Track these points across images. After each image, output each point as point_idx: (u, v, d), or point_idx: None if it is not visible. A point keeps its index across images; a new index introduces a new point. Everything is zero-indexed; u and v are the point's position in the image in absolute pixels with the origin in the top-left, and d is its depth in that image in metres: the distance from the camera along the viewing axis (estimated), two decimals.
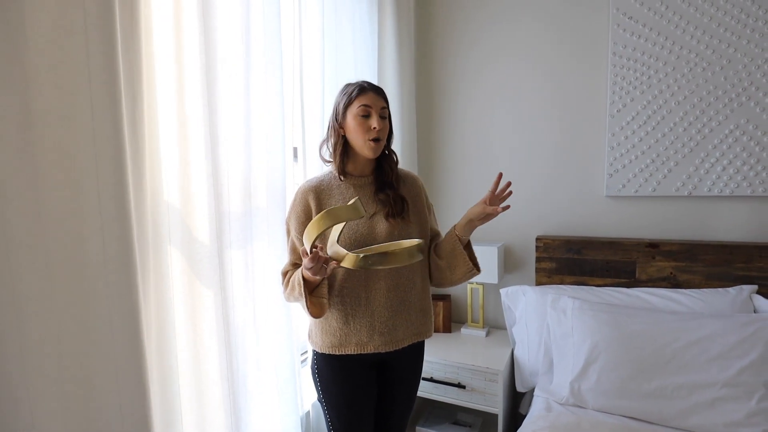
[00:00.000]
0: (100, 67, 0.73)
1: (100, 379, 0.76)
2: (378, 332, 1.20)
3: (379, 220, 1.23)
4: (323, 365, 1.25)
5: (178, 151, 0.94)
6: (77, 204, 0.72)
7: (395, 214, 1.22)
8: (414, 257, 1.05)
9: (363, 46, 1.75)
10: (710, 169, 1.74)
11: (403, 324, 1.23)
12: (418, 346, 1.33)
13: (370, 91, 1.21)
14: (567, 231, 2.00)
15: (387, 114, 1.23)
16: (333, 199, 1.23)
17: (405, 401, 1.35)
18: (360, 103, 1.18)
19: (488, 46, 2.09)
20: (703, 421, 1.36)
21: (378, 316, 1.20)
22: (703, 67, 1.72)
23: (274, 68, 1.21)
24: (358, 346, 1.21)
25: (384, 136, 1.22)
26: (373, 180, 1.28)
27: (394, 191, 1.25)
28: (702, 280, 1.72)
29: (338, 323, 1.21)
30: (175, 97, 0.93)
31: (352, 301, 1.20)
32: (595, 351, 1.55)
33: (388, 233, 1.21)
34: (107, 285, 0.76)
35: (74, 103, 0.70)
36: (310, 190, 1.23)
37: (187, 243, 0.96)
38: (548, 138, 2.01)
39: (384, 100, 1.23)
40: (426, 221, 1.33)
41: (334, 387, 1.24)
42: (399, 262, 1.03)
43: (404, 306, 1.24)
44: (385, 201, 1.24)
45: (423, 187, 1.37)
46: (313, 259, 1.02)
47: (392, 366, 1.30)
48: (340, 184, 1.25)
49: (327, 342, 1.23)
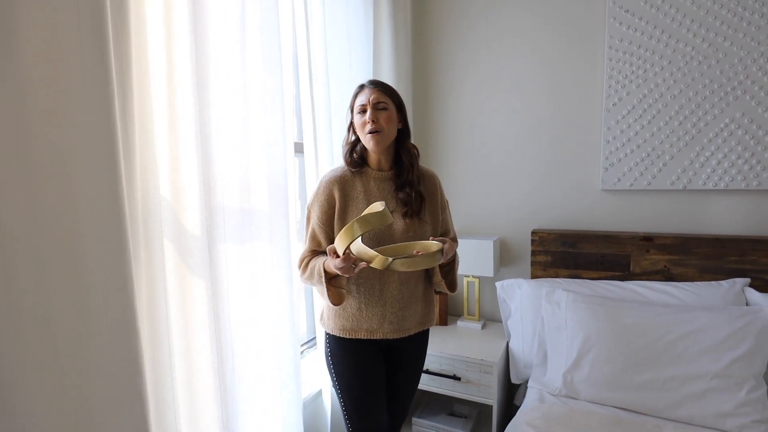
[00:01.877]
0: (93, 63, 0.73)
1: (97, 371, 0.77)
2: (388, 321, 1.27)
3: (396, 218, 1.27)
4: (336, 348, 1.31)
5: (168, 146, 0.95)
6: (72, 199, 0.73)
7: (413, 214, 1.27)
8: (437, 261, 1.12)
9: (358, 39, 1.75)
10: (705, 163, 1.74)
11: (411, 314, 1.31)
12: (423, 333, 1.40)
13: (366, 88, 1.26)
14: (562, 224, 2.01)
15: (387, 106, 1.24)
16: (355, 191, 1.27)
17: (410, 383, 1.43)
18: (357, 103, 1.26)
19: (484, 39, 2.09)
20: (694, 412, 1.38)
21: (389, 306, 1.27)
22: (699, 61, 1.71)
23: (272, 64, 1.22)
24: (369, 332, 1.27)
25: (383, 128, 1.23)
26: (393, 175, 1.31)
27: (415, 189, 1.28)
28: (696, 273, 1.73)
29: (352, 309, 1.27)
30: (166, 92, 0.94)
31: (367, 291, 1.26)
32: (588, 343, 1.57)
33: (403, 232, 1.26)
34: (103, 279, 0.77)
35: (68, 100, 0.71)
36: (335, 181, 1.27)
37: (177, 236, 0.98)
38: (544, 132, 2.01)
39: (383, 94, 1.25)
40: (439, 221, 1.38)
41: (347, 370, 1.30)
42: (424, 266, 1.10)
43: (413, 298, 1.31)
44: (405, 200, 1.28)
45: (440, 185, 1.40)
46: (345, 260, 1.08)
47: (399, 350, 1.36)
48: (362, 177, 1.29)
49: (339, 325, 1.29)
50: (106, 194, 0.75)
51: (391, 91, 1.28)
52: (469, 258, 2.00)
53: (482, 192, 2.17)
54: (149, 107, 0.92)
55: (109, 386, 0.79)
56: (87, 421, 0.76)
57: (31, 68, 0.68)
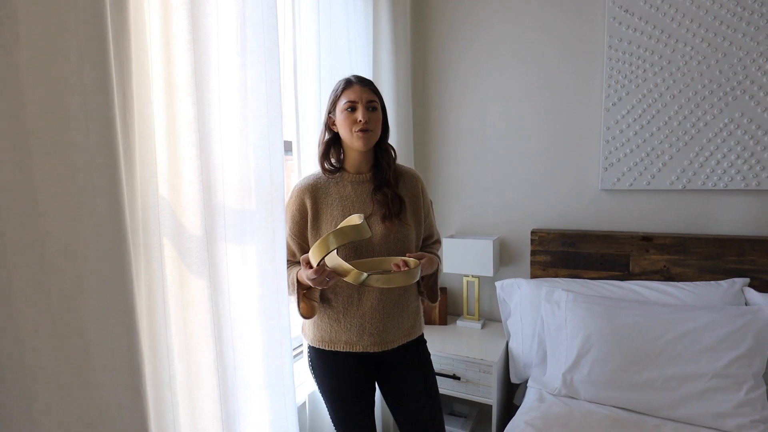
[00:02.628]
0: (93, 60, 0.73)
1: (96, 372, 0.77)
2: (368, 333, 1.21)
3: (374, 222, 1.21)
4: (316, 359, 1.27)
5: (166, 144, 0.94)
6: (72, 199, 0.72)
7: (392, 215, 1.20)
8: (414, 278, 1.07)
9: (357, 39, 1.75)
10: (704, 163, 1.75)
11: (394, 326, 1.24)
12: (413, 343, 1.31)
13: (356, 84, 1.19)
14: (562, 224, 2.01)
15: (378, 107, 1.20)
16: (330, 198, 1.22)
17: (422, 397, 1.28)
18: (345, 99, 1.18)
19: (485, 39, 2.09)
20: (693, 411, 1.38)
21: (369, 317, 1.21)
22: (699, 61, 1.71)
23: (272, 62, 1.21)
24: (348, 344, 1.22)
25: (374, 128, 1.19)
26: (372, 177, 1.25)
27: (392, 190, 1.23)
28: (695, 273, 1.73)
29: (329, 320, 1.23)
30: (164, 91, 0.94)
31: (345, 299, 1.21)
32: (587, 343, 1.57)
33: (383, 236, 1.20)
34: (102, 279, 0.77)
35: (67, 98, 0.71)
36: (306, 189, 1.23)
37: (177, 235, 0.97)
38: (543, 131, 2.01)
39: (373, 93, 1.20)
40: (422, 223, 1.31)
41: (328, 381, 1.26)
42: (400, 283, 1.05)
43: (397, 309, 1.24)
44: (382, 201, 1.21)
45: (423, 186, 1.33)
46: (317, 272, 1.04)
47: (390, 364, 1.29)
48: (338, 182, 1.24)
49: (317, 336, 1.25)
50: (106, 193, 0.75)
51: (378, 91, 1.24)
52: (468, 257, 2.00)
53: (482, 191, 2.17)
54: (151, 102, 0.92)
55: (109, 387, 0.79)
56: (86, 422, 0.76)
57: (30, 64, 0.67)
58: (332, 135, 1.25)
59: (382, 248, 1.21)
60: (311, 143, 1.53)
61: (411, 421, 1.28)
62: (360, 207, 1.23)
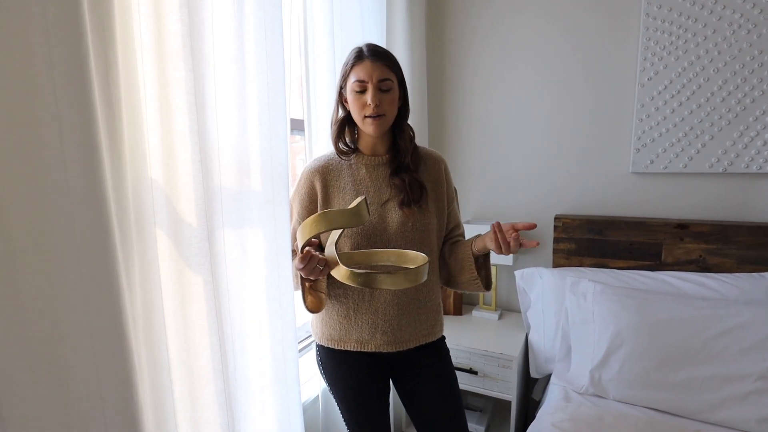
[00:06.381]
0: (59, 16, 0.60)
1: (78, 380, 0.67)
2: (381, 331, 1.10)
3: (391, 209, 1.10)
4: (326, 358, 1.18)
5: (159, 120, 0.82)
6: (39, 184, 0.61)
7: (411, 202, 1.08)
8: (422, 278, 0.91)
9: (371, 6, 1.59)
10: (749, 144, 1.59)
11: (410, 324, 1.12)
12: (431, 345, 1.19)
13: (367, 59, 1.04)
14: (588, 210, 1.88)
15: (391, 85, 1.05)
16: (342, 181, 1.11)
17: (442, 404, 1.16)
18: (354, 78, 1.05)
19: (506, 6, 1.92)
20: (735, 415, 1.27)
21: (382, 313, 1.10)
22: (749, 29, 1.54)
23: (273, 27, 1.07)
24: (359, 343, 1.12)
25: (387, 111, 1.05)
26: (389, 160, 1.14)
27: (411, 175, 1.11)
28: (734, 264, 1.60)
29: (339, 316, 1.12)
30: (155, 59, 0.81)
31: (356, 294, 1.10)
32: (618, 338, 1.45)
33: (400, 224, 1.08)
34: (81, 276, 0.66)
35: (27, 59, 0.58)
36: (316, 171, 1.12)
37: (173, 224, 0.86)
38: (569, 109, 1.86)
39: (388, 69, 1.05)
40: (445, 212, 1.19)
41: (339, 381, 1.16)
42: (397, 285, 0.89)
43: (414, 304, 1.12)
44: (400, 186, 1.09)
45: (447, 170, 1.21)
46: (304, 260, 0.94)
47: (407, 365, 1.18)
48: (351, 165, 1.13)
49: (327, 334, 1.15)
50: (80, 177, 0.63)
51: (395, 64, 1.08)
52: None
53: (501, 175, 2.03)
54: (137, 72, 0.79)
55: (94, 396, 0.69)
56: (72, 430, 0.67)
57: None
58: (346, 113, 1.13)
59: (399, 237, 1.09)
60: (324, 122, 1.39)
61: (428, 428, 1.18)
62: (375, 192, 1.12)
